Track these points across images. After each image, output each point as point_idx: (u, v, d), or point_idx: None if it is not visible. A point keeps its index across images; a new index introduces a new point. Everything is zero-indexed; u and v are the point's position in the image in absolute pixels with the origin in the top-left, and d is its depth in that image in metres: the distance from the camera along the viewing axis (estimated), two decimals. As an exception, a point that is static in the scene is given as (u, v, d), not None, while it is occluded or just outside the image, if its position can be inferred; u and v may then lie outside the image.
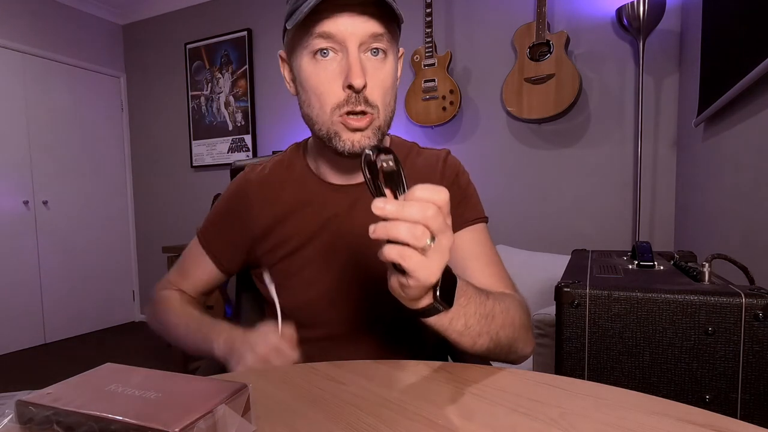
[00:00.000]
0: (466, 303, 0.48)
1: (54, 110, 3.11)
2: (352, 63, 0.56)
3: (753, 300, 0.63)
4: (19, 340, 2.91)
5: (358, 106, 0.57)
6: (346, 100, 0.57)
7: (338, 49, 0.57)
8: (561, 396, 0.46)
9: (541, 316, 1.28)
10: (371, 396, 0.47)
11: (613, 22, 2.03)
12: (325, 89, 0.58)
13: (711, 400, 0.66)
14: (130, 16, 3.49)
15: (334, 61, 0.57)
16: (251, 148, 3.05)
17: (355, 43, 0.56)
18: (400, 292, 0.43)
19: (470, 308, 0.49)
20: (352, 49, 0.56)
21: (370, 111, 0.58)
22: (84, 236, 3.30)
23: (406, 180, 0.42)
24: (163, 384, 0.37)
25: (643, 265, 0.90)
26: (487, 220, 0.75)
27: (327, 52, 0.57)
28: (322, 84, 0.58)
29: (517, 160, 2.29)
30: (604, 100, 2.09)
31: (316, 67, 0.58)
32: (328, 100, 0.58)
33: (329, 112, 0.59)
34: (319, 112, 0.60)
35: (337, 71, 0.57)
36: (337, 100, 0.58)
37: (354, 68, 0.55)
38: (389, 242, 0.40)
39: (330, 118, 0.59)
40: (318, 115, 0.60)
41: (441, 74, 2.28)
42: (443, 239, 0.40)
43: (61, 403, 0.33)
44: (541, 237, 2.24)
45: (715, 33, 1.32)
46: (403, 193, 0.41)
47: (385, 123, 0.61)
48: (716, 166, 1.37)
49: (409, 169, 0.73)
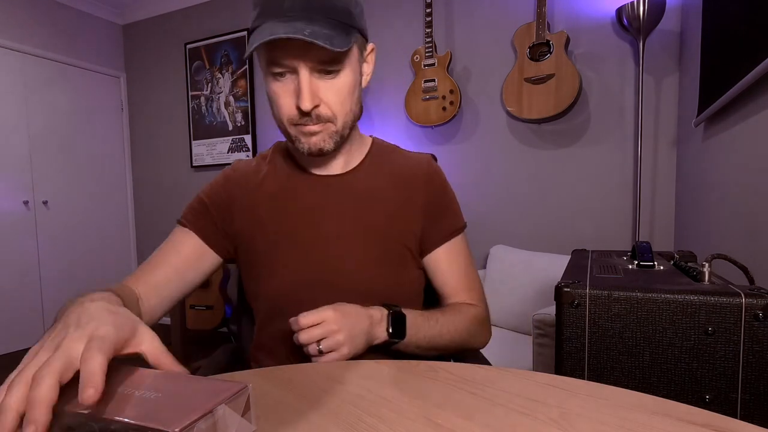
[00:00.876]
0: (416, 332, 0.66)
1: (54, 110, 3.11)
2: (302, 87, 0.61)
3: (753, 300, 0.63)
4: (19, 340, 2.90)
5: (308, 123, 0.64)
6: (298, 117, 0.64)
7: (292, 71, 0.62)
8: (561, 396, 0.46)
9: (541, 316, 1.28)
10: (371, 396, 0.47)
11: (613, 22, 2.03)
12: (282, 104, 0.64)
13: (711, 400, 0.66)
14: (130, 16, 3.49)
15: (289, 80, 0.63)
16: (251, 148, 3.05)
17: (306, 68, 0.61)
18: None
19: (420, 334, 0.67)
20: (303, 73, 0.61)
21: (322, 123, 0.65)
22: (84, 236, 3.30)
23: None
24: (163, 384, 0.36)
25: (643, 265, 0.90)
26: (465, 227, 0.80)
27: (283, 73, 0.63)
28: (279, 98, 0.64)
29: (517, 160, 2.29)
30: (604, 100, 2.09)
31: (274, 84, 0.64)
32: (284, 113, 0.65)
33: (286, 121, 0.65)
34: (279, 119, 0.67)
35: (291, 90, 0.63)
36: (291, 114, 0.64)
37: (303, 93, 0.61)
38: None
39: (287, 126, 0.66)
40: (279, 121, 0.67)
41: (441, 74, 2.28)
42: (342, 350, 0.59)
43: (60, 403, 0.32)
44: (541, 237, 2.24)
45: (715, 33, 1.32)
46: None
47: (344, 126, 0.67)
48: (716, 166, 1.37)
49: (391, 170, 0.77)
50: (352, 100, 0.67)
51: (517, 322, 1.86)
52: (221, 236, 0.74)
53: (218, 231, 0.74)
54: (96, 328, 0.35)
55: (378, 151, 0.79)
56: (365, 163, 0.77)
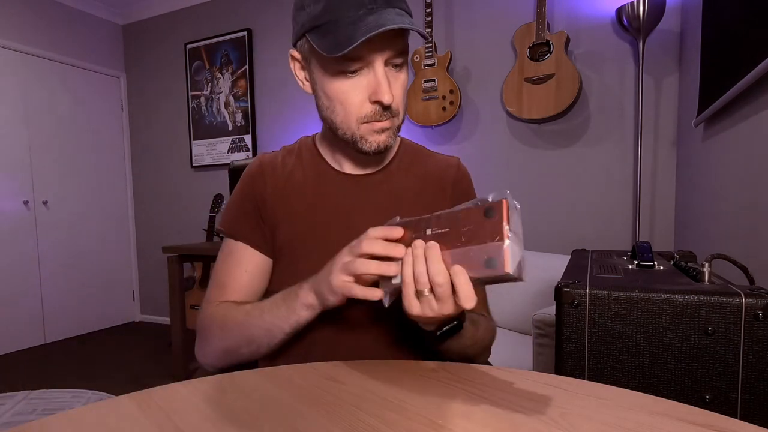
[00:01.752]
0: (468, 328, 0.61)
1: (54, 110, 3.11)
2: (380, 81, 0.60)
3: (753, 300, 0.63)
4: (19, 340, 2.91)
5: (383, 119, 0.63)
6: (373, 113, 0.62)
7: (365, 66, 0.60)
8: (561, 396, 0.46)
9: (541, 316, 1.27)
10: (371, 396, 0.47)
11: (613, 22, 2.03)
12: (353, 102, 0.62)
13: (711, 400, 0.66)
14: (130, 16, 3.49)
15: (361, 76, 0.61)
16: (251, 148, 3.05)
17: (382, 62, 0.60)
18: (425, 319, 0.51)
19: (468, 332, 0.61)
20: (380, 68, 0.60)
21: (392, 119, 0.64)
22: (84, 236, 3.30)
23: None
24: (437, 222, 0.49)
25: (643, 265, 0.90)
26: None
27: (359, 69, 0.61)
28: (349, 98, 0.62)
29: (517, 160, 2.29)
30: (604, 100, 2.09)
31: (344, 83, 0.61)
32: (355, 112, 0.62)
33: (355, 121, 0.63)
34: (343, 119, 0.63)
35: (364, 86, 0.61)
36: (364, 112, 0.62)
37: (383, 86, 0.60)
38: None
39: (356, 125, 0.63)
40: (342, 122, 0.64)
41: (441, 74, 2.28)
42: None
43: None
44: (541, 237, 2.24)
45: (715, 33, 1.32)
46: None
47: (402, 121, 0.67)
48: (716, 166, 1.37)
49: (420, 171, 0.76)
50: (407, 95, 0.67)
51: (517, 322, 1.86)
52: (265, 233, 0.72)
53: (264, 235, 0.72)
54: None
55: (407, 150, 0.78)
56: (394, 162, 0.76)
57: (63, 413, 0.45)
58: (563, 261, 1.30)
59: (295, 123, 2.89)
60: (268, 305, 0.62)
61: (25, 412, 0.95)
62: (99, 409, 0.46)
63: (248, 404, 0.46)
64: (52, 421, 0.43)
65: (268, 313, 0.62)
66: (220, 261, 0.73)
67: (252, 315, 0.63)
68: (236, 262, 0.71)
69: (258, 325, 0.62)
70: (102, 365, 2.61)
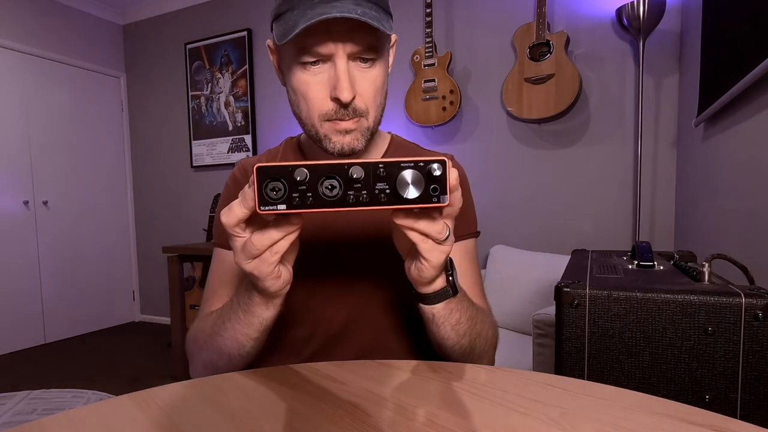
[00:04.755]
0: (462, 298, 0.55)
1: (54, 110, 3.11)
2: (339, 77, 0.55)
3: (753, 300, 0.63)
4: (19, 340, 2.91)
5: (344, 119, 0.58)
6: (334, 110, 0.58)
7: (326, 59, 0.57)
8: (561, 396, 0.46)
9: (541, 316, 1.27)
10: (371, 396, 0.47)
11: (613, 22, 2.03)
12: (313, 97, 0.58)
13: (711, 400, 0.66)
14: (130, 16, 3.49)
15: (322, 70, 0.57)
16: (251, 148, 3.04)
17: (344, 56, 0.56)
18: (417, 276, 0.48)
19: (464, 304, 0.55)
20: (340, 62, 0.55)
21: (356, 119, 0.59)
22: (84, 236, 3.30)
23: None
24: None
25: (643, 265, 0.90)
26: (478, 235, 0.74)
27: (316, 62, 0.57)
28: (310, 91, 0.58)
29: (517, 160, 2.29)
30: (604, 100, 2.09)
31: (305, 74, 0.57)
32: (316, 108, 0.58)
33: (317, 117, 0.59)
34: (307, 115, 0.60)
35: (325, 81, 0.57)
36: (325, 109, 0.58)
37: (342, 82, 0.55)
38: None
39: (318, 122, 0.59)
40: (306, 117, 0.61)
41: (441, 74, 2.28)
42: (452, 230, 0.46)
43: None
44: (541, 237, 2.24)
45: (715, 33, 1.32)
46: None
47: (374, 122, 0.62)
48: (716, 166, 1.37)
49: None
50: (383, 93, 0.62)
51: (517, 322, 1.86)
52: None
53: None
54: None
55: (397, 148, 0.76)
56: None
57: (63, 413, 0.45)
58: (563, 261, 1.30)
59: (295, 123, 2.87)
60: (226, 311, 0.57)
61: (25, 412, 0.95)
62: (99, 409, 0.46)
63: (248, 404, 0.46)
64: (52, 421, 0.43)
65: (229, 321, 0.56)
66: (211, 271, 0.71)
67: (216, 324, 0.58)
68: (225, 270, 0.69)
69: (223, 335, 0.56)
70: (102, 365, 2.61)
